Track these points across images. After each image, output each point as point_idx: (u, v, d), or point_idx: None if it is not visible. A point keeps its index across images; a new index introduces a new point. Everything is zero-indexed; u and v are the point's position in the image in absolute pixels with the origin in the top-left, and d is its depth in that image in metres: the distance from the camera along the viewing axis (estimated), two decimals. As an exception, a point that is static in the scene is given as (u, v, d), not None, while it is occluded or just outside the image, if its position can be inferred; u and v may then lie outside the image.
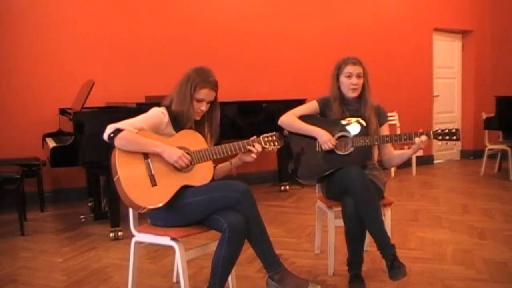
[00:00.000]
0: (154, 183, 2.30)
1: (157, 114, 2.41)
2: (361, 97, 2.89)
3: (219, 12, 5.80)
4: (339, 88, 2.91)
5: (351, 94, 2.87)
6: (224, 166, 2.62)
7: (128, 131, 2.27)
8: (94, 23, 5.16)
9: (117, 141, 2.26)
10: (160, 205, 2.29)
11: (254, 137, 2.52)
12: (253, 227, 2.37)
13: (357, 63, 2.86)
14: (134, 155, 2.30)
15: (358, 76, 2.85)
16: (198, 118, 2.51)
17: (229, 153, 2.46)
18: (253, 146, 2.47)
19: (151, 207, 2.31)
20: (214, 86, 2.48)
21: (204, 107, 2.47)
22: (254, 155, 2.48)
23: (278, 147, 2.55)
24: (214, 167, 2.54)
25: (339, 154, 2.82)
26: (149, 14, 5.42)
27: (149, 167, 2.30)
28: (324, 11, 6.45)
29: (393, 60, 6.92)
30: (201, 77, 2.44)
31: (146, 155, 2.31)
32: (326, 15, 6.47)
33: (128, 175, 2.26)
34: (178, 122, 2.44)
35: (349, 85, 2.86)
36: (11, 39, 4.86)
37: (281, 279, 2.45)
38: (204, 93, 2.44)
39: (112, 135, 2.26)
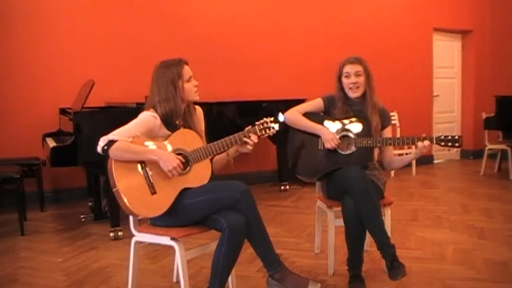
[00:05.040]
0: (153, 191, 2.29)
1: (149, 118, 2.39)
2: (364, 96, 2.89)
3: (219, 12, 5.81)
4: (342, 89, 2.91)
5: (352, 94, 2.87)
6: (221, 158, 2.60)
7: (121, 141, 2.25)
8: (94, 23, 5.17)
9: (112, 153, 2.25)
10: (162, 212, 2.30)
11: (249, 127, 2.49)
12: (253, 227, 2.37)
13: (354, 61, 2.86)
14: (131, 164, 2.28)
15: (356, 74, 2.84)
16: (198, 96, 2.49)
17: (226, 148, 2.45)
18: (249, 138, 2.46)
19: (153, 216, 2.33)
20: (186, 61, 2.48)
21: (195, 82, 2.48)
22: (250, 147, 2.48)
23: (274, 132, 2.51)
24: (211, 159, 2.53)
25: (341, 154, 2.82)
26: (149, 14, 5.43)
27: (147, 175, 2.30)
28: (324, 11, 6.46)
29: (393, 60, 6.91)
30: (174, 62, 2.44)
31: (142, 163, 2.30)
32: (326, 15, 6.47)
33: (127, 187, 2.25)
34: (169, 121, 2.42)
35: (348, 84, 2.86)
36: (11, 39, 4.86)
37: (282, 277, 2.46)
38: (187, 70, 2.45)
39: (105, 147, 2.24)
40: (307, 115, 2.95)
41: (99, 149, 2.27)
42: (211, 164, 2.49)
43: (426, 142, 2.67)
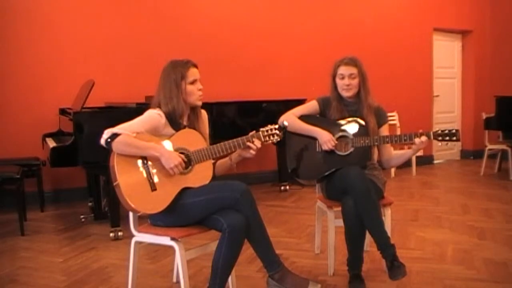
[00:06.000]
0: (154, 188, 2.29)
1: (154, 116, 2.39)
2: (359, 97, 2.89)
3: (219, 12, 5.80)
4: (336, 89, 2.92)
5: (344, 94, 2.88)
6: (224, 162, 2.60)
7: (125, 135, 2.26)
8: (94, 23, 5.17)
9: (115, 146, 2.24)
10: (160, 210, 2.30)
11: (253, 132, 2.49)
12: (253, 227, 2.37)
13: (349, 63, 2.86)
14: (133, 159, 2.28)
15: (351, 76, 2.85)
16: (200, 102, 2.50)
17: (228, 151, 2.45)
18: (252, 142, 2.45)
19: (151, 212, 2.32)
20: (195, 64, 2.49)
21: (200, 86, 2.48)
22: (253, 152, 2.48)
23: (278, 139, 2.51)
24: (214, 163, 2.54)
25: (339, 154, 2.82)
26: (149, 14, 5.43)
27: (148, 171, 2.30)
28: (324, 11, 6.46)
29: (393, 60, 6.91)
30: (181, 62, 2.45)
31: (144, 159, 2.30)
32: (326, 15, 6.47)
33: (128, 181, 2.25)
34: (174, 120, 2.43)
35: (342, 85, 2.87)
36: (11, 39, 4.86)
37: (281, 278, 2.45)
38: (193, 73, 2.46)
39: (109, 139, 2.24)
40: (303, 117, 2.95)
41: (102, 141, 2.27)
42: (213, 167, 2.49)
43: (424, 138, 2.67)
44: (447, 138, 2.68)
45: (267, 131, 2.49)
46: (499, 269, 2.98)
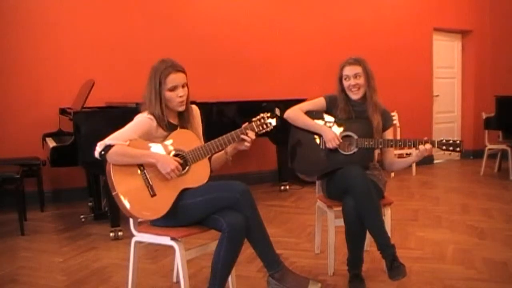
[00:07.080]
0: (153, 193, 2.29)
1: (145, 120, 2.37)
2: (365, 96, 2.89)
3: (219, 13, 5.80)
4: (343, 90, 2.91)
5: (353, 96, 2.87)
6: (219, 156, 2.59)
7: (118, 146, 2.24)
8: (94, 23, 5.17)
9: (110, 157, 2.24)
10: (162, 215, 2.29)
11: (246, 123, 2.48)
12: (253, 226, 2.37)
13: (353, 63, 2.85)
14: (129, 167, 2.27)
15: (356, 76, 2.84)
16: (182, 108, 2.43)
17: (224, 146, 2.44)
18: (246, 135, 2.44)
19: (153, 218, 2.33)
20: (179, 68, 2.39)
21: (182, 92, 2.39)
22: (248, 144, 2.46)
23: (272, 127, 2.49)
24: (209, 158, 2.52)
25: (342, 154, 2.82)
26: (149, 14, 5.42)
27: (146, 177, 2.29)
28: (324, 11, 6.45)
29: (393, 60, 6.91)
30: (162, 67, 2.37)
31: (141, 165, 2.30)
32: (326, 15, 6.47)
33: (127, 190, 2.25)
34: (163, 122, 2.40)
35: (348, 86, 2.86)
36: (12, 39, 4.86)
37: (282, 277, 2.46)
38: (172, 79, 2.36)
39: (103, 152, 2.23)
40: (309, 113, 2.94)
41: (96, 154, 2.26)
42: (209, 163, 2.49)
43: (428, 146, 2.67)
44: (451, 148, 2.69)
45: (259, 120, 2.48)
46: (499, 269, 2.98)
